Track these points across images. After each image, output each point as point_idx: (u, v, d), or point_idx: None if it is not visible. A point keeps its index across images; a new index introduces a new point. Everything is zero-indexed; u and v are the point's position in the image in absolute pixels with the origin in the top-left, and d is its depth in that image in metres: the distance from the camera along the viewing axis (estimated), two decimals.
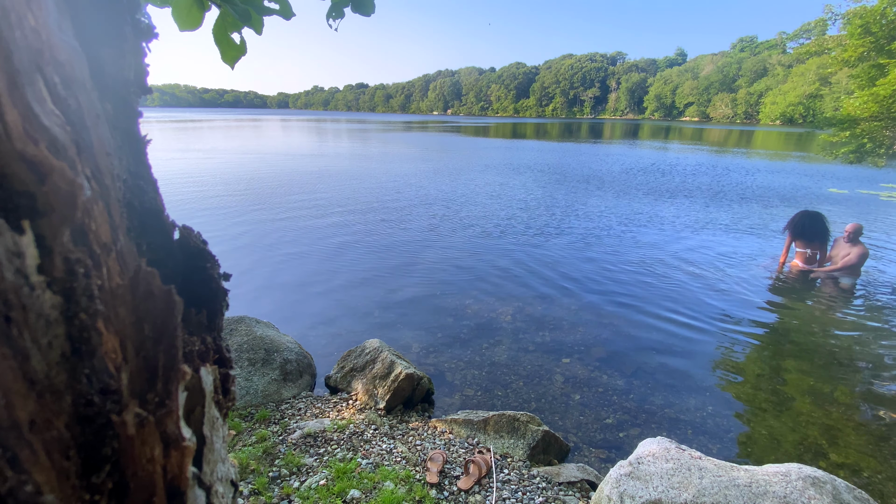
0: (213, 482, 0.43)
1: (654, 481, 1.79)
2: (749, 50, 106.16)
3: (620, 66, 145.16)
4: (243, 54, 0.99)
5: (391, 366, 3.00)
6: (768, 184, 12.99)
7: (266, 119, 76.32)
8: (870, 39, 6.27)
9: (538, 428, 2.61)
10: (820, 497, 1.67)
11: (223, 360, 0.46)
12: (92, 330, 0.28)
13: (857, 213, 9.05)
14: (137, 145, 0.40)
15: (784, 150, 25.21)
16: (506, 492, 2.20)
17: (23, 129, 0.25)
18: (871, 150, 6.84)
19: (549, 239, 7.07)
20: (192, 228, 0.45)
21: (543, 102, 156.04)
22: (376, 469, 2.27)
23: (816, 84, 63.20)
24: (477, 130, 45.52)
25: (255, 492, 2.06)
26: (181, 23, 0.89)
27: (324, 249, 6.37)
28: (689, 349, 3.85)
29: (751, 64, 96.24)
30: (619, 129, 55.47)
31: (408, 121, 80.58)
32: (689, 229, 7.77)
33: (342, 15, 1.11)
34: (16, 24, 0.25)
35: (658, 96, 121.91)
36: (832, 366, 3.60)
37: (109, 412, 0.29)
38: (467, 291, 4.97)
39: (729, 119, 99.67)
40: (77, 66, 0.31)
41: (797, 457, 2.63)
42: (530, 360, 3.66)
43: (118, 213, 0.34)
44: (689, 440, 2.81)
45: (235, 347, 3.15)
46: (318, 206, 9.09)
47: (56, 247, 0.26)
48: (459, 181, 12.66)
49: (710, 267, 5.89)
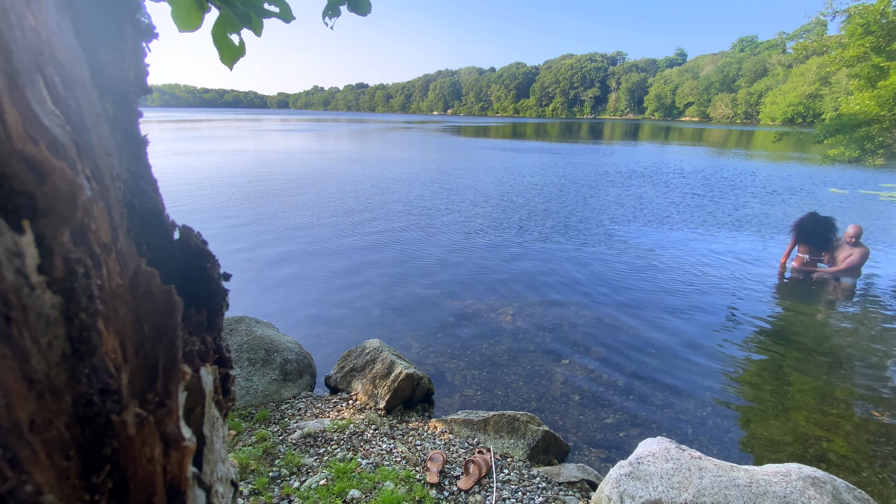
0: (213, 482, 0.43)
1: (654, 481, 1.79)
2: (749, 50, 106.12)
3: (620, 66, 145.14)
4: (242, 55, 0.99)
5: (391, 366, 3.00)
6: (768, 184, 12.99)
7: (266, 119, 76.34)
8: (870, 39, 6.27)
9: (538, 428, 2.61)
10: (820, 497, 1.67)
11: (223, 360, 0.46)
12: (92, 330, 0.28)
13: (858, 214, 9.05)
14: (137, 145, 0.40)
15: (784, 151, 25.20)
16: (506, 492, 2.20)
17: (23, 129, 0.25)
18: (871, 150, 6.84)
19: (550, 239, 7.07)
20: (192, 228, 0.45)
21: (543, 102, 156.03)
22: (376, 469, 2.27)
23: (816, 84, 63.18)
24: (477, 131, 45.52)
25: (255, 492, 2.06)
26: (181, 24, 0.89)
27: (324, 249, 6.37)
28: (690, 349, 3.85)
29: (751, 64, 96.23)
30: (619, 130, 55.46)
31: (408, 121, 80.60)
32: (689, 230, 7.78)
33: (338, 13, 1.11)
34: (16, 24, 0.25)
35: (658, 96, 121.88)
36: (832, 366, 3.60)
37: (109, 412, 0.29)
38: (467, 291, 4.97)
39: (729, 119, 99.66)
40: (77, 66, 0.31)
41: (797, 457, 2.63)
42: (530, 360, 3.65)
43: (118, 213, 0.34)
44: (689, 440, 2.81)
45: (235, 347, 3.15)
46: (318, 206, 9.09)
47: (56, 247, 0.26)
48: (460, 182, 12.66)
49: (710, 267, 5.89)
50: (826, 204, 10.06)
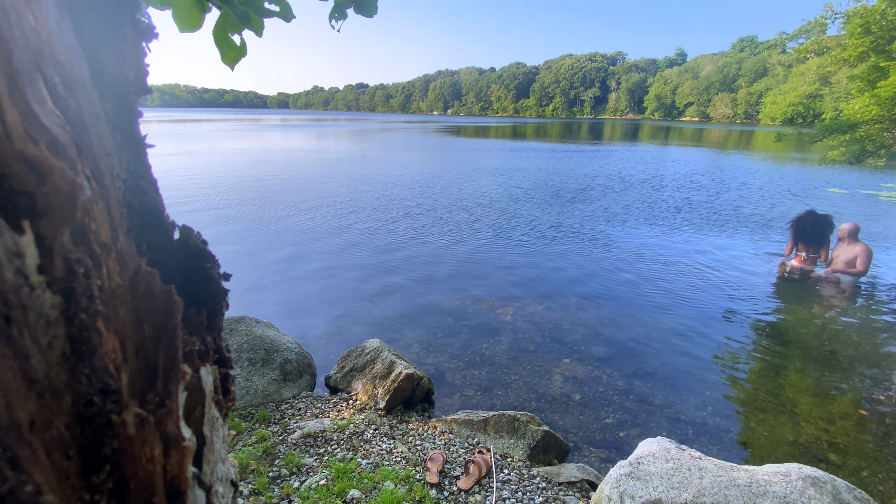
0: (213, 482, 0.43)
1: (654, 481, 1.79)
2: (749, 50, 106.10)
3: (620, 66, 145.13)
4: (243, 56, 0.99)
5: (391, 366, 3.00)
6: (768, 184, 12.99)
7: (266, 118, 76.34)
8: (870, 39, 6.26)
9: (538, 428, 2.61)
10: (820, 497, 1.67)
11: (223, 360, 0.46)
12: (92, 330, 0.28)
13: (858, 214, 9.05)
14: (137, 145, 0.40)
15: (783, 151, 25.21)
16: (506, 492, 2.20)
17: (23, 129, 0.25)
18: (872, 151, 6.84)
19: (550, 240, 7.07)
20: (192, 228, 0.45)
21: (543, 102, 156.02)
22: (376, 469, 2.27)
23: (816, 84, 63.15)
24: (477, 131, 45.52)
25: (255, 492, 2.06)
26: (181, 24, 0.89)
27: (324, 249, 6.37)
28: (690, 349, 3.85)
29: (751, 64, 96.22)
30: (620, 130, 55.46)
31: (407, 120, 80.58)
32: (689, 230, 7.78)
33: (345, 16, 1.11)
34: (16, 24, 0.25)
35: (658, 96, 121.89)
36: (832, 366, 3.60)
37: (109, 412, 0.29)
38: (467, 291, 4.97)
39: (729, 119, 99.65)
40: (77, 66, 0.31)
41: (797, 457, 2.63)
42: (530, 360, 3.65)
43: (118, 213, 0.34)
44: (689, 440, 2.81)
45: (235, 347, 3.15)
46: (319, 207, 9.09)
47: (56, 247, 0.26)
48: (460, 183, 12.66)
49: (711, 267, 5.89)
50: (826, 204, 10.06)
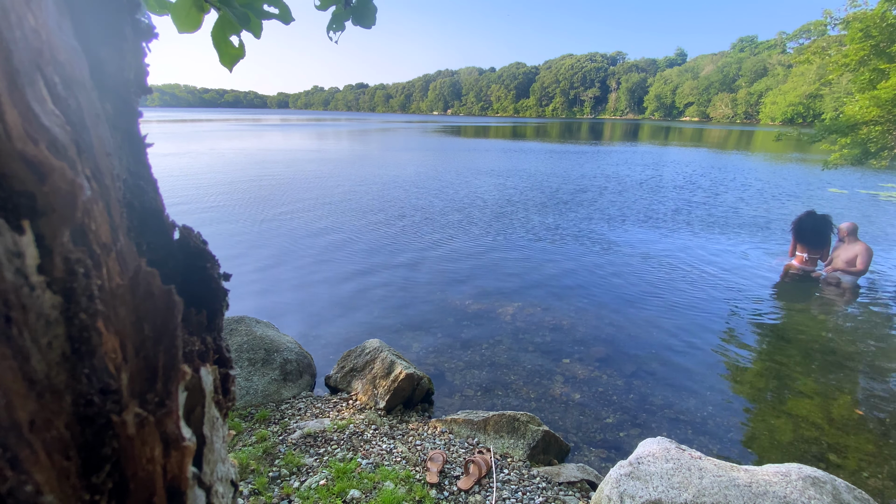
0: (213, 482, 0.43)
1: (654, 481, 1.79)
2: (749, 50, 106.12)
3: (620, 66, 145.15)
4: (242, 57, 0.99)
5: (391, 366, 3.00)
6: (768, 184, 12.99)
7: (266, 118, 76.33)
8: (870, 43, 6.26)
9: (538, 428, 2.61)
10: (820, 497, 1.67)
11: (223, 360, 0.46)
12: (92, 330, 0.28)
13: (858, 214, 9.06)
14: (137, 145, 0.40)
15: (783, 152, 25.20)
16: (506, 492, 2.20)
17: (23, 129, 0.25)
18: (874, 153, 6.84)
19: (550, 240, 7.07)
20: (192, 228, 0.45)
21: (543, 102, 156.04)
22: (376, 469, 2.27)
23: (816, 84, 63.14)
24: (477, 131, 45.52)
25: (255, 492, 2.06)
26: (180, 25, 0.89)
27: (324, 249, 6.37)
28: (690, 349, 3.85)
29: (751, 64, 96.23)
30: (620, 130, 55.46)
31: (407, 120, 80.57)
32: (689, 230, 7.78)
33: (343, 28, 1.11)
34: (16, 24, 0.25)
35: (658, 96, 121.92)
36: (832, 366, 3.60)
37: (109, 412, 0.29)
38: (467, 291, 4.97)
39: (729, 119, 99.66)
40: (77, 66, 0.31)
41: (797, 457, 2.63)
42: (530, 360, 3.65)
43: (118, 213, 0.34)
44: (689, 440, 2.81)
45: (235, 347, 3.15)
46: (318, 206, 9.09)
47: (56, 247, 0.26)
48: (459, 183, 12.66)
49: (711, 267, 5.89)
50: (826, 204, 10.06)
